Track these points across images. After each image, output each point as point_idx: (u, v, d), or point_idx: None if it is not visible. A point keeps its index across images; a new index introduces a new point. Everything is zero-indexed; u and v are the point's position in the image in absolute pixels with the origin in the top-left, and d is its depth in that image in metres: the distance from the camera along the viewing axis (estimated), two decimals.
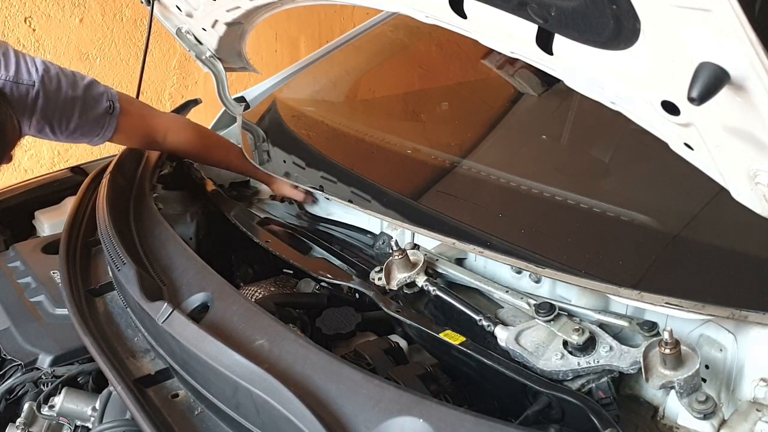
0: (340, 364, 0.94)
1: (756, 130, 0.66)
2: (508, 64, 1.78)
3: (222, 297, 1.13)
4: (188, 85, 3.54)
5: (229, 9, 1.52)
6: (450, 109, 1.96)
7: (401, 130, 1.86)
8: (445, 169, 1.58)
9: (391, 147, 1.72)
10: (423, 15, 1.10)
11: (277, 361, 0.96)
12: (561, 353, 0.97)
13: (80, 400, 1.20)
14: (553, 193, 1.34)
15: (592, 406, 0.88)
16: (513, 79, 1.79)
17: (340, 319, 1.23)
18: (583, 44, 0.80)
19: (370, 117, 2.03)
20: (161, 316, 1.07)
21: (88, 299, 1.33)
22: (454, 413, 0.83)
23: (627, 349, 0.94)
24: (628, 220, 1.23)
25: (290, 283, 1.43)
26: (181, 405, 1.07)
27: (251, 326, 1.05)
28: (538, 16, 0.81)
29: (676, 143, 0.84)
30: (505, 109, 1.83)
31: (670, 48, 0.65)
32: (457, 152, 1.67)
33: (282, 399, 0.88)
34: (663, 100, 0.73)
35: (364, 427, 0.85)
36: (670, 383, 0.88)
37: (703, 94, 0.59)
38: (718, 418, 0.87)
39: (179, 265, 1.26)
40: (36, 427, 1.21)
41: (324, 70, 2.04)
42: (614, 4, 0.69)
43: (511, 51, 0.98)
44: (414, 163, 1.64)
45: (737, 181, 0.78)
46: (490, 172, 1.48)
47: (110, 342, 1.21)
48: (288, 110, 1.90)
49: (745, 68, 0.59)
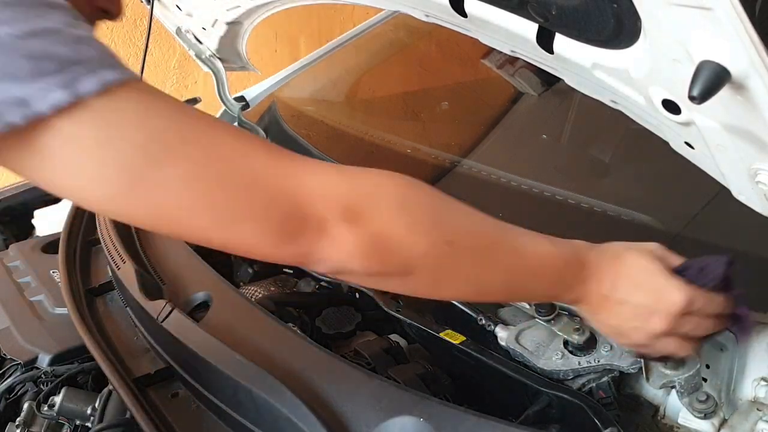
0: (341, 364, 0.94)
1: (757, 129, 0.66)
2: (508, 63, 1.78)
3: (222, 296, 1.13)
4: (188, 84, 3.54)
5: (230, 8, 1.52)
6: (450, 109, 1.96)
7: (401, 130, 1.86)
8: (445, 168, 1.58)
9: (391, 147, 1.72)
10: (423, 14, 1.10)
11: (277, 360, 0.96)
12: (561, 353, 0.97)
13: (80, 399, 1.19)
14: (553, 192, 1.34)
15: (592, 405, 0.88)
16: (513, 78, 1.79)
17: (340, 318, 1.23)
18: (584, 43, 0.80)
19: (370, 117, 2.03)
20: (161, 315, 1.07)
21: (88, 298, 1.33)
22: (454, 413, 0.83)
23: (628, 349, 0.94)
24: (628, 219, 1.23)
25: (290, 282, 1.43)
26: (180, 404, 1.07)
27: (251, 326, 1.05)
28: (538, 15, 0.81)
29: (677, 142, 0.84)
30: (505, 108, 1.83)
31: (671, 47, 0.65)
32: (457, 152, 1.68)
33: (282, 398, 0.88)
34: (664, 98, 0.73)
35: (364, 427, 0.85)
36: (670, 383, 0.88)
37: (704, 93, 0.59)
38: (719, 418, 0.87)
39: (179, 264, 1.26)
40: (36, 426, 1.21)
41: (324, 70, 2.04)
42: (615, 3, 0.69)
43: (512, 50, 0.98)
44: (414, 163, 1.64)
45: (738, 180, 0.78)
46: (490, 171, 1.48)
47: (110, 341, 1.20)
48: (288, 110, 1.90)
49: (746, 67, 0.59)
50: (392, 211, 0.65)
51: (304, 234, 0.62)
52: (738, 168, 0.75)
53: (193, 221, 0.61)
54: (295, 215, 0.61)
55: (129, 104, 0.57)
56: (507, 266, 0.73)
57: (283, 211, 0.61)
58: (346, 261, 0.64)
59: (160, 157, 0.57)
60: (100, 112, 0.55)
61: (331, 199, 0.62)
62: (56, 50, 0.54)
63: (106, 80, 0.55)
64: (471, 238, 0.70)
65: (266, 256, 0.64)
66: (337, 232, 0.62)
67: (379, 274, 0.66)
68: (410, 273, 0.67)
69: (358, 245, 0.63)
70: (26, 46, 0.53)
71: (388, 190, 0.67)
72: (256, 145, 0.64)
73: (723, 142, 0.72)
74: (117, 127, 0.56)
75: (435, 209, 0.69)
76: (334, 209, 0.62)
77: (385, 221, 0.64)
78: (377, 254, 0.64)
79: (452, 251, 0.67)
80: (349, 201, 0.63)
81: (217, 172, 0.59)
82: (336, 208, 0.62)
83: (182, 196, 0.59)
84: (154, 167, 0.57)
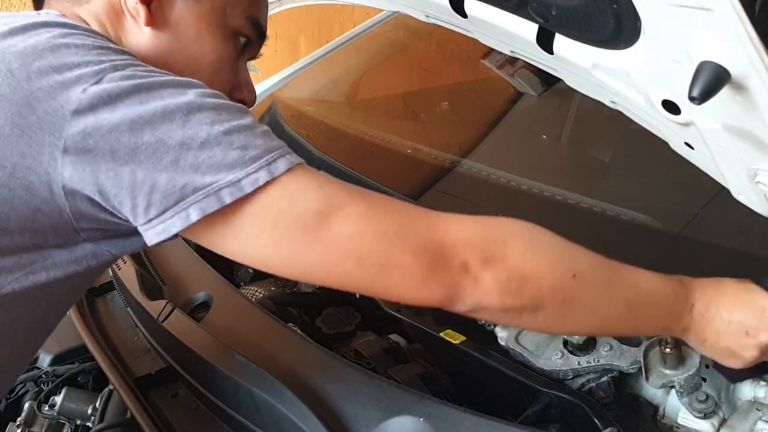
0: (341, 364, 0.95)
1: (756, 129, 0.66)
2: (508, 64, 1.79)
3: (222, 297, 1.13)
4: None
5: None
6: (450, 109, 1.96)
7: (401, 130, 1.86)
8: (445, 168, 1.58)
9: (391, 147, 1.72)
10: (423, 15, 1.10)
11: (277, 360, 0.96)
12: (561, 353, 0.97)
13: (80, 399, 1.20)
14: (553, 192, 1.34)
15: (592, 405, 0.88)
16: (513, 78, 1.79)
17: (340, 318, 1.22)
18: (583, 43, 0.80)
19: (370, 117, 2.03)
20: (162, 315, 1.07)
21: (89, 298, 1.33)
22: (454, 413, 0.84)
23: (627, 349, 0.94)
24: (628, 219, 1.23)
25: (290, 283, 1.43)
26: (181, 404, 1.07)
27: (252, 326, 1.05)
28: (538, 15, 0.81)
29: (677, 143, 0.84)
30: (505, 109, 1.83)
31: (670, 47, 0.65)
32: (457, 152, 1.67)
33: (282, 398, 0.88)
34: (663, 99, 0.73)
35: (364, 427, 0.85)
36: (670, 382, 0.88)
37: (703, 94, 0.59)
38: (719, 418, 0.87)
39: (180, 264, 1.26)
40: (36, 426, 1.21)
41: (324, 70, 2.04)
42: (615, 4, 0.69)
43: (512, 50, 0.98)
44: (414, 163, 1.64)
45: (738, 181, 0.79)
46: (490, 171, 1.49)
47: (111, 341, 1.21)
48: (288, 110, 1.90)
49: (745, 67, 0.59)
50: (522, 251, 0.72)
51: (450, 276, 0.69)
52: (738, 168, 0.75)
53: (359, 271, 0.69)
54: (442, 260, 0.69)
55: (306, 178, 0.69)
56: (626, 299, 0.77)
57: (432, 257, 0.69)
58: (486, 298, 0.70)
59: (335, 219, 0.68)
60: (287, 187, 0.68)
61: (472, 245, 0.70)
62: (255, 141, 0.68)
63: (291, 162, 0.69)
64: (592, 273, 0.75)
65: (416, 299, 0.71)
66: (478, 273, 0.69)
67: (513, 309, 0.72)
68: (541, 307, 0.72)
69: (496, 283, 0.70)
70: (233, 140, 0.67)
71: (516, 233, 0.74)
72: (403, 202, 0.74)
73: (723, 142, 0.72)
74: (300, 197, 0.68)
75: (558, 247, 0.75)
76: (475, 253, 0.70)
77: (518, 260, 0.71)
78: (512, 291, 0.70)
79: (577, 284, 0.73)
80: (487, 245, 0.71)
81: (378, 225, 0.69)
82: (476, 252, 0.70)
83: (352, 249, 0.68)
84: (330, 227, 0.68)
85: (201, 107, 0.68)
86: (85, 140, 0.65)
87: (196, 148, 0.66)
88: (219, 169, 0.66)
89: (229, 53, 0.88)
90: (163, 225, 0.67)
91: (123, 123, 0.66)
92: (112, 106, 0.66)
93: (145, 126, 0.66)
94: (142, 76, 0.69)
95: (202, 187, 0.66)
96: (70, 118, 0.65)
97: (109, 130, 0.65)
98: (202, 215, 0.66)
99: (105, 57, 0.70)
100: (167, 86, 0.69)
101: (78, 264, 0.74)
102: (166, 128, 0.66)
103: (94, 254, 0.75)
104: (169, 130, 0.66)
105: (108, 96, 0.66)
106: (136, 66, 0.71)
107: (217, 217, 0.67)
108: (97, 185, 0.67)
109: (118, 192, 0.67)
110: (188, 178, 0.66)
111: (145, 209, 0.67)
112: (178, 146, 0.66)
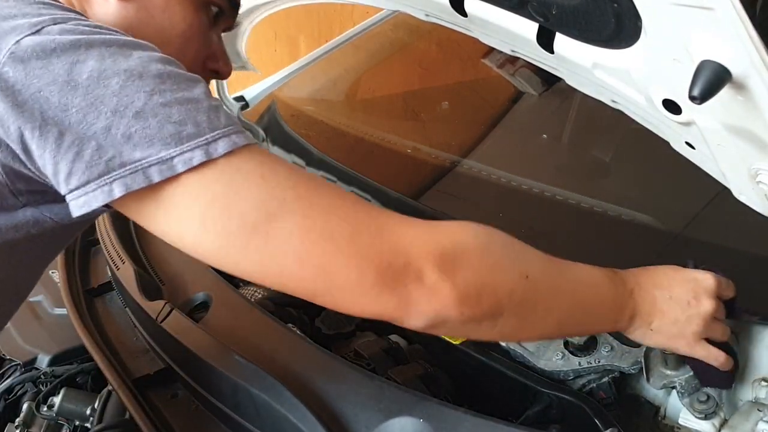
0: (340, 364, 0.94)
1: (757, 129, 0.66)
2: (509, 63, 1.78)
3: (221, 297, 1.13)
4: None
5: None
6: (450, 109, 1.96)
7: (401, 130, 1.85)
8: (445, 168, 1.58)
9: (391, 146, 1.72)
10: (423, 14, 1.10)
11: (276, 361, 0.96)
12: (562, 353, 0.97)
13: (79, 399, 1.20)
14: (554, 192, 1.34)
15: (593, 406, 0.88)
16: (513, 78, 1.79)
17: (340, 318, 1.22)
18: (584, 43, 0.80)
19: (370, 116, 2.03)
20: (160, 315, 1.07)
21: (87, 299, 1.33)
22: (454, 413, 0.83)
23: (628, 349, 0.94)
24: (628, 219, 1.23)
25: None
26: (180, 405, 1.07)
27: (251, 326, 1.05)
28: (539, 14, 0.81)
29: (678, 142, 0.84)
30: (505, 108, 1.82)
31: (671, 46, 0.65)
32: (457, 152, 1.67)
33: (282, 399, 0.88)
34: (664, 98, 0.72)
35: (364, 427, 0.85)
36: (671, 383, 0.88)
37: (704, 93, 0.59)
38: (720, 418, 0.87)
39: (178, 264, 1.26)
40: (35, 426, 1.21)
41: (323, 70, 2.04)
42: (615, 3, 0.69)
43: (512, 50, 0.98)
44: (414, 163, 1.64)
45: (739, 180, 0.78)
46: (490, 171, 1.48)
47: (109, 342, 1.20)
48: (287, 109, 1.90)
49: (746, 67, 0.58)
50: (480, 258, 0.68)
51: (403, 285, 0.64)
52: (738, 168, 0.75)
53: (299, 272, 0.63)
54: (393, 266, 0.64)
55: (249, 165, 0.64)
56: (573, 293, 0.76)
57: (381, 263, 0.64)
58: (444, 310, 0.66)
59: (276, 212, 0.62)
60: (225, 171, 0.62)
61: (427, 251, 0.65)
62: (198, 117, 0.63)
63: (234, 143, 0.63)
64: (542, 272, 0.73)
65: (363, 308, 0.66)
66: (435, 283, 0.64)
67: (473, 319, 0.68)
68: (500, 314, 0.69)
69: (456, 293, 0.65)
70: (171, 113, 0.62)
71: (471, 238, 0.70)
72: (356, 200, 0.68)
73: (723, 142, 0.72)
74: (238, 184, 0.62)
75: (512, 248, 0.72)
76: (430, 260, 0.65)
77: (475, 267, 0.67)
78: (471, 300, 0.66)
79: (530, 286, 0.70)
80: (443, 251, 0.66)
81: (324, 224, 0.63)
82: (431, 258, 0.65)
83: (292, 247, 0.63)
84: (269, 221, 0.62)
85: (143, 74, 0.63)
86: (14, 95, 0.61)
87: (130, 116, 0.61)
88: (151, 143, 0.61)
89: (200, 22, 0.84)
90: (85, 197, 0.62)
91: (54, 82, 0.61)
92: (45, 60, 0.62)
93: (78, 88, 0.61)
94: (83, 32, 0.64)
95: (129, 162, 0.61)
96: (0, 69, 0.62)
97: (39, 88, 0.61)
98: (126, 191, 0.61)
99: (45, 11, 0.67)
100: (110, 45, 0.64)
101: (17, 230, 0.71)
102: (101, 93, 0.61)
103: (36, 221, 0.72)
104: (103, 95, 0.61)
105: (42, 50, 0.62)
106: (80, 21, 0.67)
107: (148, 193, 0.62)
108: (21, 142, 0.63)
109: (41, 153, 0.62)
110: (117, 150, 0.61)
111: (66, 177, 0.62)
112: (110, 113, 0.61)
